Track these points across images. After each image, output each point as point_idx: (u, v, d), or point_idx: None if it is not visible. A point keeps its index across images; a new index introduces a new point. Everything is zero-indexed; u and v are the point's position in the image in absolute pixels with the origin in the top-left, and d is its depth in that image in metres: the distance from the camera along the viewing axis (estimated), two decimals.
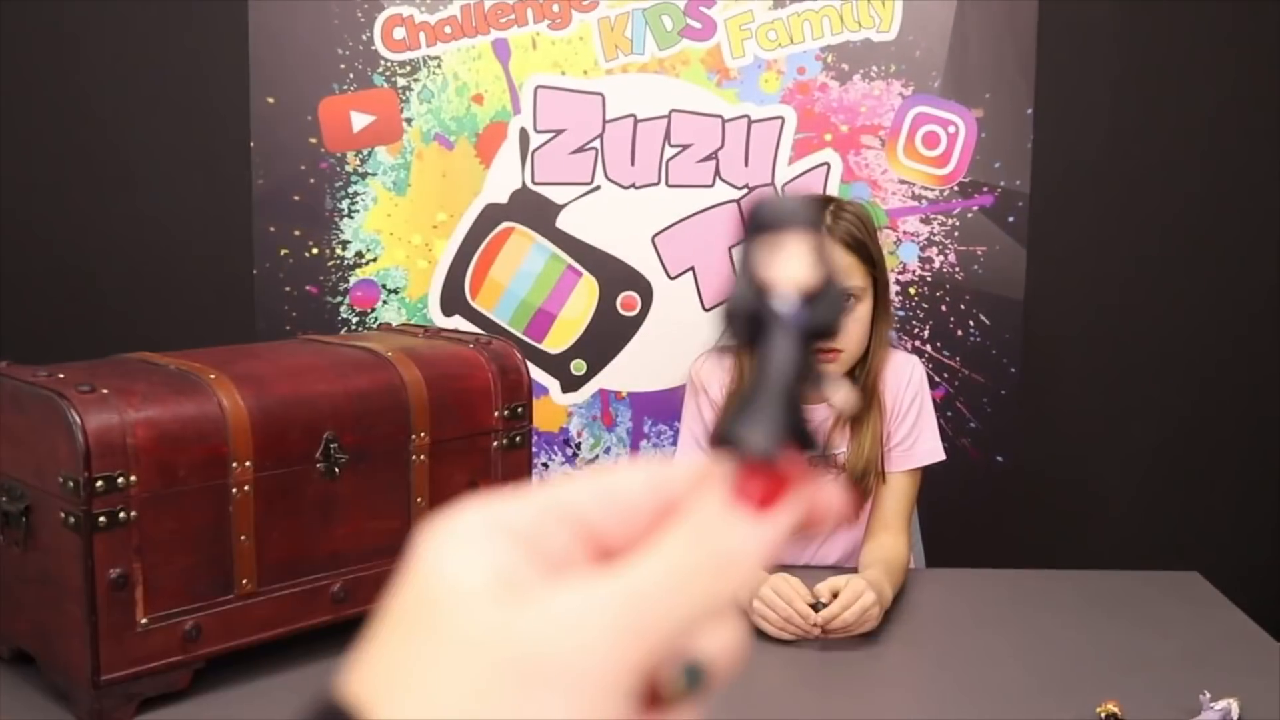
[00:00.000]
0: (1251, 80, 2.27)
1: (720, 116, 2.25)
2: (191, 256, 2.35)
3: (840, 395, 0.36)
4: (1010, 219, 2.25)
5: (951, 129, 2.23)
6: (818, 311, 0.35)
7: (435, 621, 0.28)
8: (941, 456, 1.73)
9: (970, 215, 2.25)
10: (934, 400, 1.80)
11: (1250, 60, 2.26)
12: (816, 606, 1.41)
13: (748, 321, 0.35)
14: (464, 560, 0.29)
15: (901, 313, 2.26)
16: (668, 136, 2.25)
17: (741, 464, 0.33)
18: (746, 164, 2.25)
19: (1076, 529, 2.38)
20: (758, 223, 0.35)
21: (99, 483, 1.17)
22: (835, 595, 1.42)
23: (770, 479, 0.33)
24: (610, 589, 0.29)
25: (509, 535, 0.30)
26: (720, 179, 2.26)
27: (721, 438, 0.34)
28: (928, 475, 1.75)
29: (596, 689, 0.27)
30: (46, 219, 2.33)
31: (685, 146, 2.26)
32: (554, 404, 2.32)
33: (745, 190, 2.26)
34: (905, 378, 1.71)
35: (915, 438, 1.71)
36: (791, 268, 0.35)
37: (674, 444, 1.93)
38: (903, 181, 2.25)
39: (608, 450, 2.33)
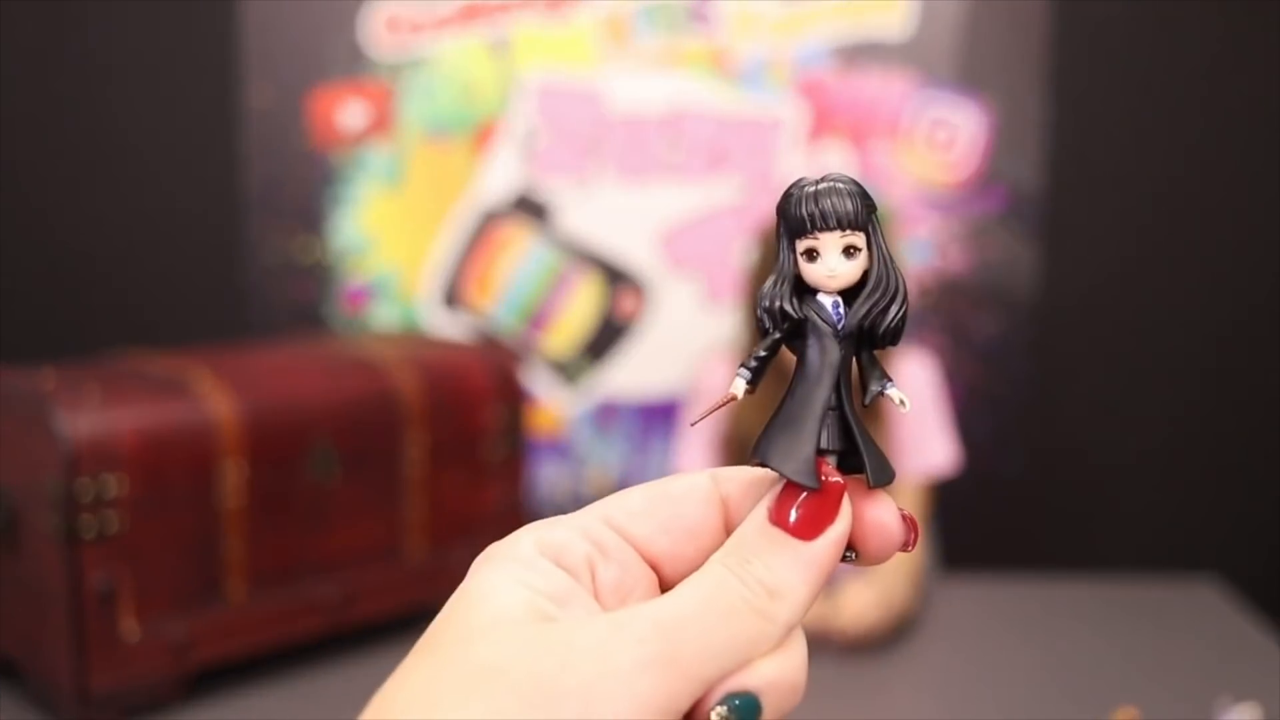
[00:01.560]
0: (1272, 75, 2.23)
1: (725, 112, 2.22)
2: (183, 255, 2.32)
3: (897, 397, 0.32)
4: (1022, 217, 2.22)
5: (963, 125, 2.20)
6: (867, 314, 0.32)
7: (465, 646, 0.28)
8: (953, 465, 1.70)
9: (982, 213, 2.22)
10: (946, 402, 1.76)
11: (1270, 55, 2.23)
12: None
13: (787, 325, 0.32)
14: (504, 587, 0.29)
15: (913, 313, 2.23)
16: (670, 132, 2.22)
17: (783, 486, 0.30)
18: (752, 161, 2.22)
19: (1092, 530, 2.35)
20: (796, 213, 0.32)
21: (85, 490, 1.14)
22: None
23: (813, 501, 0.30)
24: (641, 619, 0.28)
25: (561, 560, 0.30)
26: (725, 176, 2.23)
27: (761, 458, 0.30)
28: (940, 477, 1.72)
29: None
30: (32, 217, 2.30)
31: (689, 143, 2.22)
32: (552, 407, 2.29)
33: (749, 189, 2.23)
34: (915, 380, 1.68)
35: (926, 443, 1.67)
36: (832, 265, 0.32)
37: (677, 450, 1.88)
38: (913, 179, 2.22)
39: (607, 455, 2.30)
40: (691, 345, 2.20)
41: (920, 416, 1.67)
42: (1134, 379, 2.32)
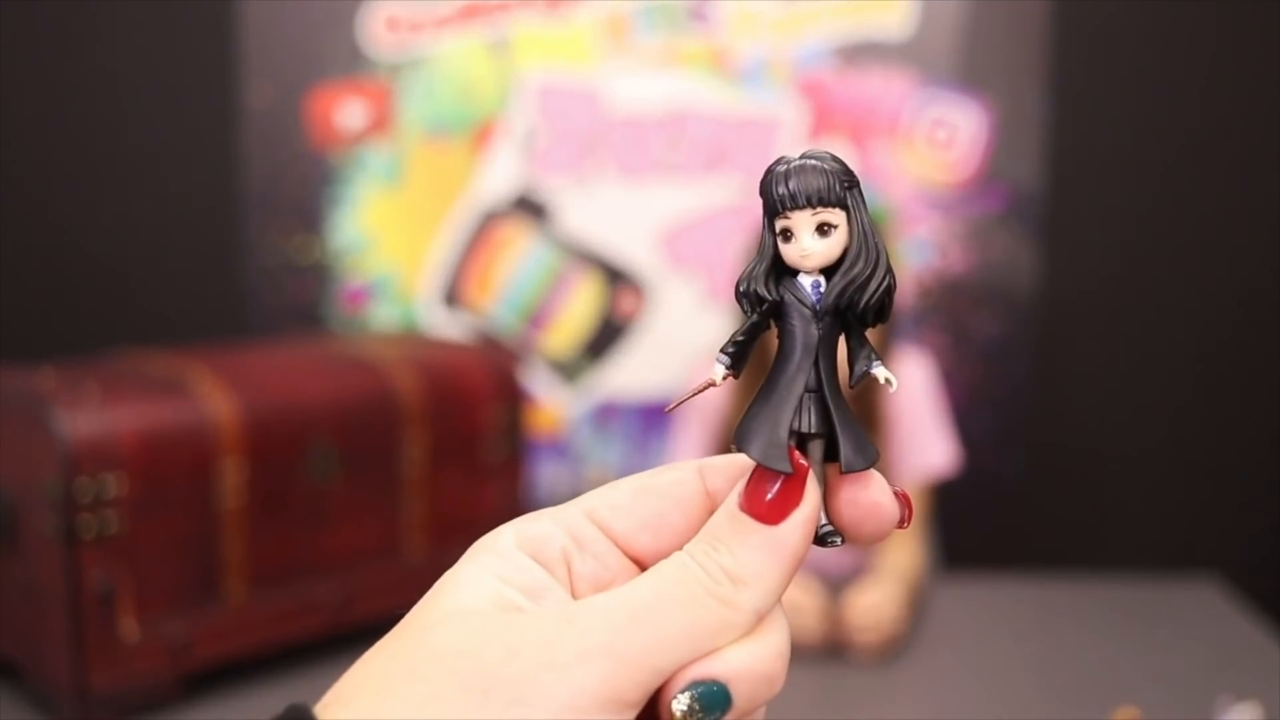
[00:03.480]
0: (1272, 75, 2.23)
1: (725, 112, 2.21)
2: (183, 255, 2.32)
3: (883, 376, 0.32)
4: (1023, 217, 2.21)
5: (963, 125, 2.20)
6: (843, 291, 0.31)
7: (425, 633, 0.28)
8: (950, 467, 1.69)
9: (982, 213, 2.22)
10: (945, 402, 1.76)
11: (1270, 54, 2.23)
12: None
13: (764, 308, 0.32)
14: (474, 578, 0.30)
15: (912, 312, 2.23)
16: (670, 132, 2.22)
17: (754, 471, 0.30)
18: (752, 161, 2.22)
19: (1092, 530, 2.35)
20: (771, 193, 0.31)
21: (84, 490, 1.14)
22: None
23: (779, 484, 0.30)
24: (591, 610, 0.28)
25: (538, 553, 0.31)
26: (725, 176, 2.23)
27: (737, 443, 0.30)
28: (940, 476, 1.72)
29: (559, 711, 0.27)
30: (32, 216, 2.30)
31: (689, 143, 2.22)
32: (552, 407, 2.29)
33: (749, 189, 2.23)
34: (912, 381, 1.67)
35: (924, 444, 1.67)
36: (805, 244, 0.31)
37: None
38: (913, 179, 2.21)
39: (607, 455, 2.29)
40: (691, 345, 2.19)
41: (918, 417, 1.67)
42: (1134, 379, 2.32)
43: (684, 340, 2.22)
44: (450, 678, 0.27)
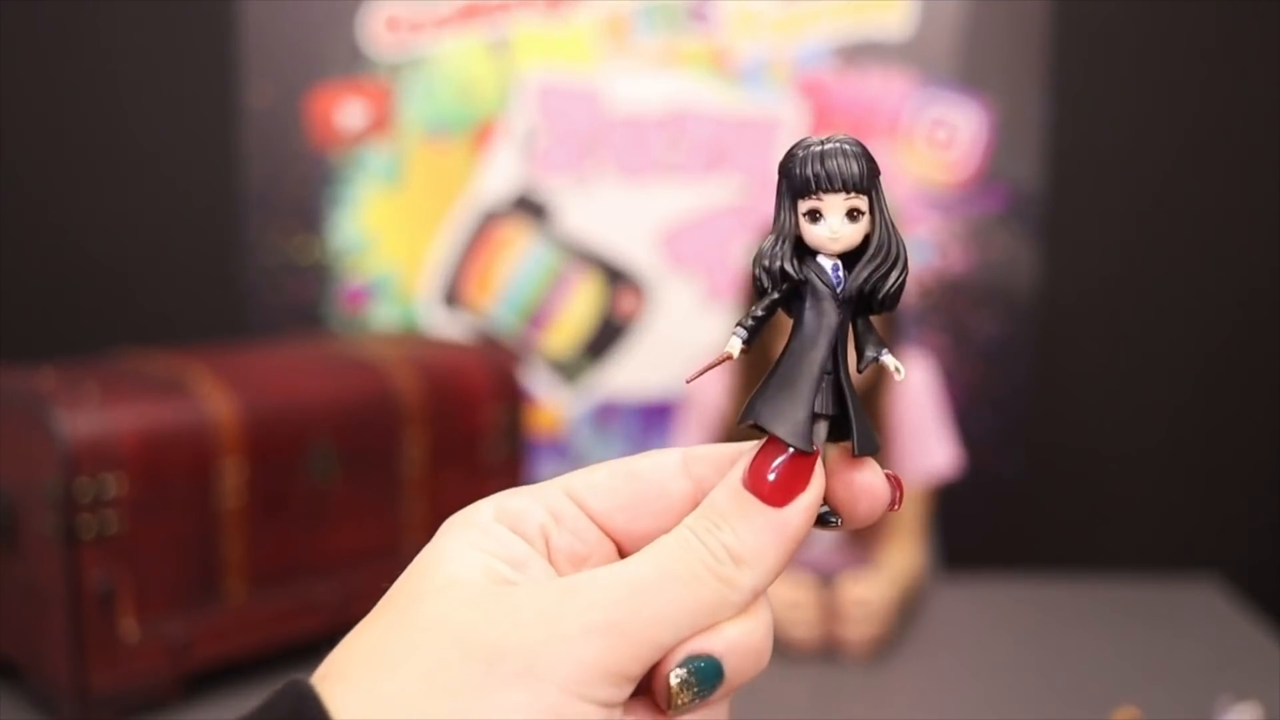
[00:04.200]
0: (1272, 75, 2.23)
1: (725, 112, 2.21)
2: (182, 255, 2.32)
3: (892, 364, 0.32)
4: (1023, 217, 2.21)
5: (963, 125, 2.20)
6: (868, 279, 0.31)
7: (418, 604, 0.28)
8: (952, 468, 1.69)
9: (982, 213, 2.22)
10: (946, 402, 1.76)
11: (1270, 55, 2.23)
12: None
13: (786, 286, 0.32)
14: (460, 551, 0.30)
15: (913, 312, 2.23)
16: (670, 132, 2.22)
17: (759, 450, 0.30)
18: (752, 161, 2.22)
19: (1092, 530, 2.35)
20: (800, 173, 0.31)
21: (84, 490, 1.14)
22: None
23: (786, 467, 0.30)
24: (594, 585, 0.28)
25: (517, 527, 0.31)
26: (725, 176, 2.23)
27: (754, 419, 0.30)
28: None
29: (562, 684, 0.27)
30: (32, 216, 2.30)
31: (689, 143, 2.22)
32: (551, 407, 2.29)
33: (749, 189, 2.23)
34: (914, 382, 1.67)
35: (927, 445, 1.67)
36: (835, 227, 0.31)
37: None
38: (913, 179, 2.21)
39: (607, 455, 2.29)
40: (691, 345, 2.19)
41: (921, 419, 1.67)
42: (1134, 379, 2.32)
43: (684, 340, 2.22)
44: (454, 648, 0.27)
